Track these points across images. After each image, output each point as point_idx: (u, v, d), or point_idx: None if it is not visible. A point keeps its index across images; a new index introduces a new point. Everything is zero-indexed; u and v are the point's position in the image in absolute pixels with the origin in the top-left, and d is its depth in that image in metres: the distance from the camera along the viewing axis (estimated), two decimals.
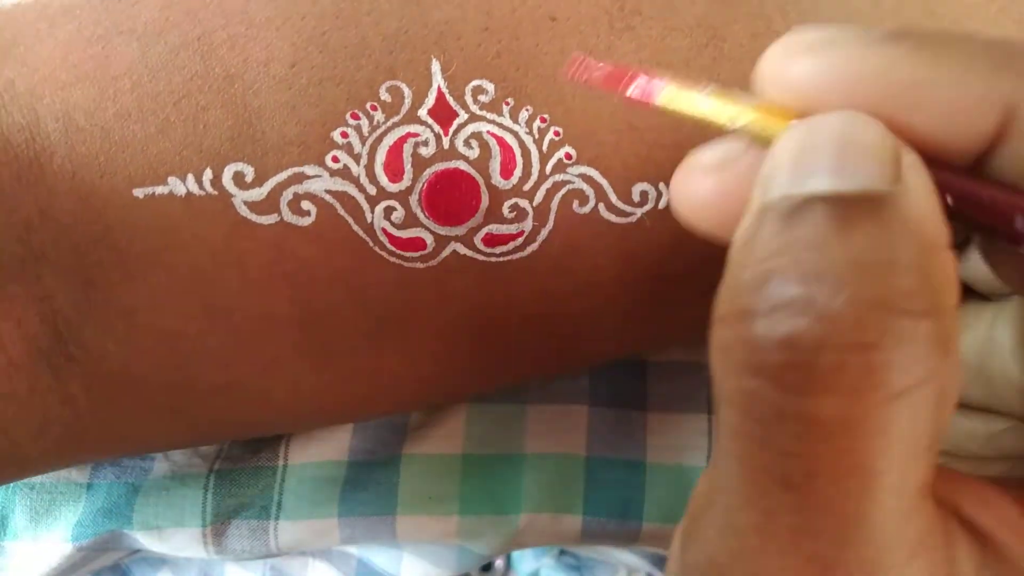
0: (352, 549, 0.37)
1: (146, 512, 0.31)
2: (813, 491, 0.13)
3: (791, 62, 0.15)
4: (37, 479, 0.32)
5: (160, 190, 0.20)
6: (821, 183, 0.13)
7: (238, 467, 0.32)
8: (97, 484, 0.31)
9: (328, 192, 0.21)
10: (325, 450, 0.32)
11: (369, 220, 0.22)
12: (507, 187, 0.22)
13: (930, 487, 0.14)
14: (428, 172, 0.22)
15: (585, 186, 0.22)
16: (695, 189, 0.17)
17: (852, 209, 0.13)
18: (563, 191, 0.22)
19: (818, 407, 0.13)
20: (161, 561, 0.38)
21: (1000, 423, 0.20)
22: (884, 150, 0.13)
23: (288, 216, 0.21)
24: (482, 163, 0.22)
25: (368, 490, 0.32)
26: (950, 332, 0.13)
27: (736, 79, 0.23)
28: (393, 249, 0.22)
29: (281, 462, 0.32)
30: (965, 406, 0.21)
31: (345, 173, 0.21)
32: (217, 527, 0.31)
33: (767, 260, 0.13)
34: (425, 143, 0.22)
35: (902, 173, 0.13)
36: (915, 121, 0.14)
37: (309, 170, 0.21)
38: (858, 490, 0.13)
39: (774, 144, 0.15)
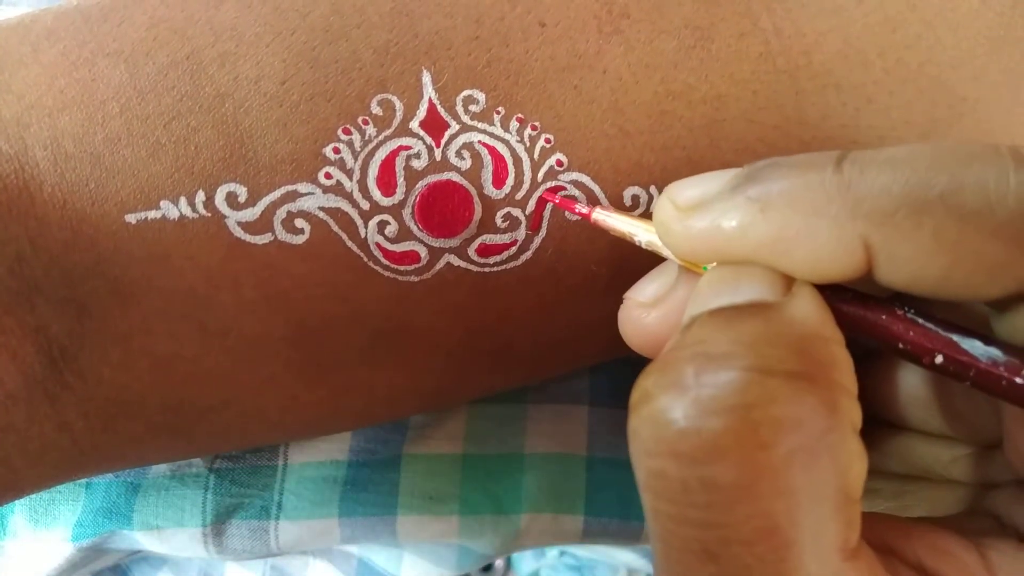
0: (352, 548, 0.37)
1: (146, 512, 0.31)
2: (731, 559, 0.14)
3: (676, 223, 0.17)
4: None
5: (152, 215, 0.20)
6: (719, 301, 0.16)
7: (238, 466, 0.32)
8: (96, 482, 0.31)
9: (321, 209, 0.21)
10: (326, 450, 0.32)
11: (363, 235, 0.22)
12: (499, 196, 0.22)
13: (854, 549, 0.15)
14: (421, 184, 0.22)
15: (577, 192, 0.22)
16: (640, 323, 0.19)
17: (740, 311, 0.15)
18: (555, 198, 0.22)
19: (716, 473, 0.14)
20: (161, 561, 0.38)
21: (961, 448, 0.21)
22: (769, 277, 0.16)
23: (282, 235, 0.21)
24: (474, 173, 0.22)
25: (369, 490, 0.32)
26: (837, 401, 0.14)
27: (724, 79, 0.23)
28: (387, 263, 0.22)
29: (281, 461, 0.32)
30: (928, 433, 0.21)
31: (338, 189, 0.21)
32: (217, 527, 0.31)
33: (667, 353, 0.15)
34: (417, 155, 0.22)
35: (793, 292, 0.16)
36: (788, 264, 0.16)
37: (302, 188, 0.21)
38: (772, 554, 0.14)
39: (695, 290, 0.17)
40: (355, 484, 0.32)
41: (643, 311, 0.19)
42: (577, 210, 0.21)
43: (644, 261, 0.24)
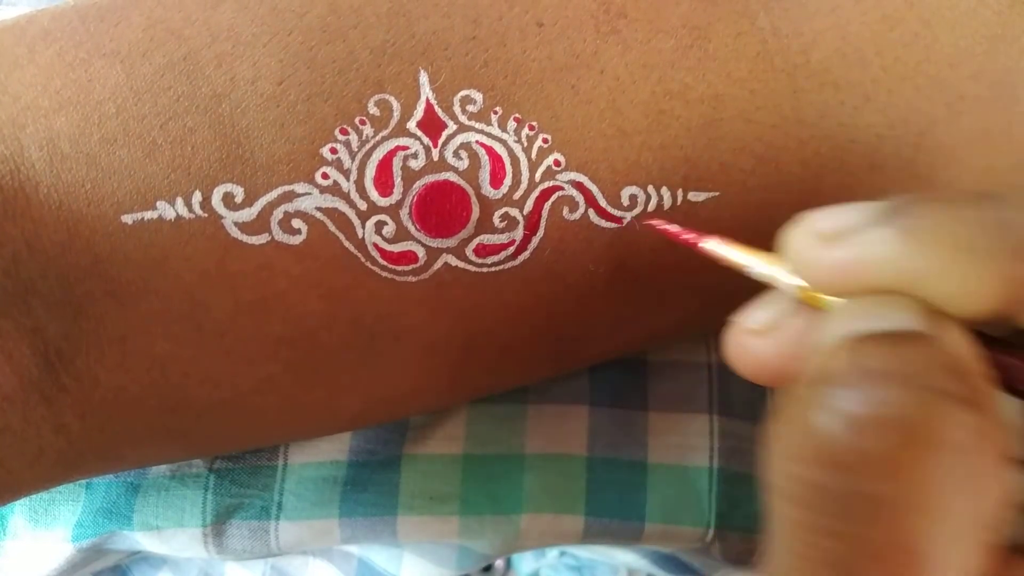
0: (353, 548, 0.37)
1: (146, 512, 0.31)
2: (862, 573, 0.14)
3: (816, 252, 0.17)
4: None
5: (149, 215, 0.20)
6: (868, 326, 0.15)
7: (238, 466, 0.32)
8: (96, 483, 0.31)
9: (318, 209, 0.21)
10: (326, 450, 0.32)
11: (360, 236, 0.22)
12: (497, 196, 0.22)
13: None
14: (418, 185, 0.22)
15: (575, 192, 0.22)
16: (752, 349, 0.19)
17: (898, 337, 0.15)
18: (553, 198, 0.22)
19: (870, 487, 0.14)
20: (161, 561, 0.38)
21: None
22: (918, 309, 0.15)
23: (279, 235, 0.21)
24: (472, 173, 0.22)
25: (369, 490, 0.32)
26: (993, 432, 0.14)
27: (722, 78, 0.23)
28: (385, 264, 0.22)
29: (281, 461, 0.32)
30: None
31: (335, 189, 0.21)
32: (217, 527, 0.31)
33: (823, 365, 0.15)
34: (415, 156, 0.21)
35: (943, 327, 0.15)
36: (931, 297, 0.15)
37: (299, 188, 0.21)
38: (905, 572, 0.14)
39: (829, 321, 0.17)
40: (355, 484, 0.32)
41: (754, 338, 0.19)
42: (683, 239, 0.21)
43: (642, 261, 0.24)
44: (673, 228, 0.21)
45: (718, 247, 0.20)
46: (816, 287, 0.18)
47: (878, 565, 0.14)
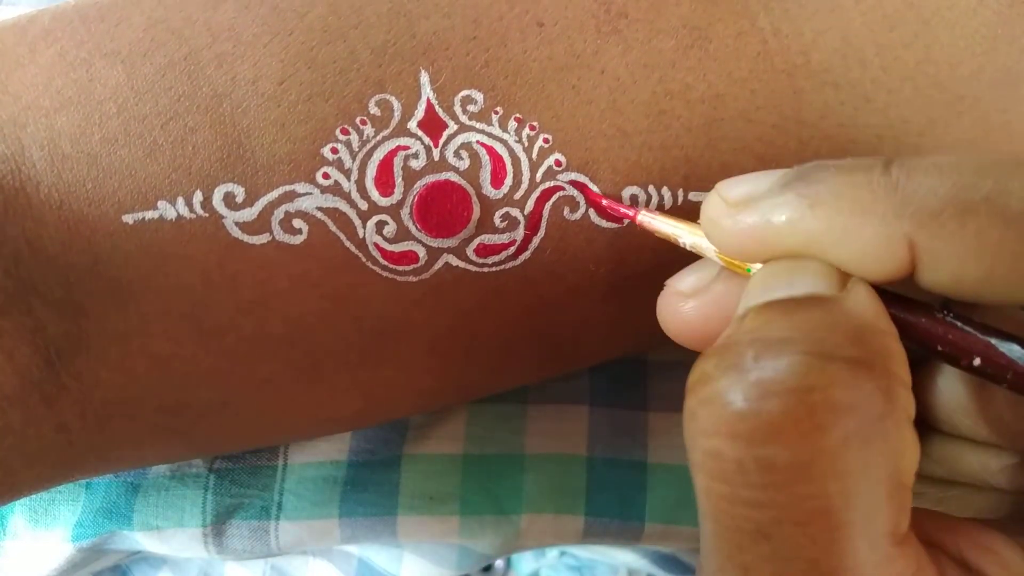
0: (352, 548, 0.37)
1: (146, 512, 0.31)
2: (784, 539, 0.14)
3: (722, 221, 0.18)
4: None
5: (150, 215, 0.20)
6: (774, 294, 0.16)
7: (238, 466, 0.32)
8: (96, 483, 0.31)
9: (319, 209, 0.21)
10: (326, 450, 0.32)
11: (361, 235, 0.22)
12: (498, 196, 0.22)
13: (904, 535, 0.15)
14: (419, 185, 0.22)
15: (575, 192, 0.22)
16: (678, 311, 0.20)
17: (797, 302, 0.16)
18: (554, 198, 0.22)
19: (773, 453, 0.14)
20: (161, 561, 0.38)
21: (1010, 458, 0.20)
22: (824, 272, 0.16)
23: (280, 235, 0.21)
24: (472, 173, 0.22)
25: (369, 490, 0.32)
26: (893, 388, 0.15)
27: (722, 78, 0.23)
28: (386, 264, 0.22)
29: (281, 461, 0.32)
30: (976, 441, 0.21)
31: (336, 189, 0.21)
32: (217, 527, 0.31)
33: (726, 339, 0.16)
34: (415, 155, 0.22)
35: (848, 287, 0.16)
36: (835, 262, 0.16)
37: (300, 188, 0.21)
38: (824, 535, 0.14)
39: (747, 285, 0.18)
40: (355, 484, 0.32)
41: (681, 299, 0.20)
42: (621, 212, 0.22)
43: (643, 261, 0.24)
44: (610, 203, 0.22)
45: (650, 219, 0.21)
46: (727, 253, 0.18)
47: (798, 528, 0.14)
